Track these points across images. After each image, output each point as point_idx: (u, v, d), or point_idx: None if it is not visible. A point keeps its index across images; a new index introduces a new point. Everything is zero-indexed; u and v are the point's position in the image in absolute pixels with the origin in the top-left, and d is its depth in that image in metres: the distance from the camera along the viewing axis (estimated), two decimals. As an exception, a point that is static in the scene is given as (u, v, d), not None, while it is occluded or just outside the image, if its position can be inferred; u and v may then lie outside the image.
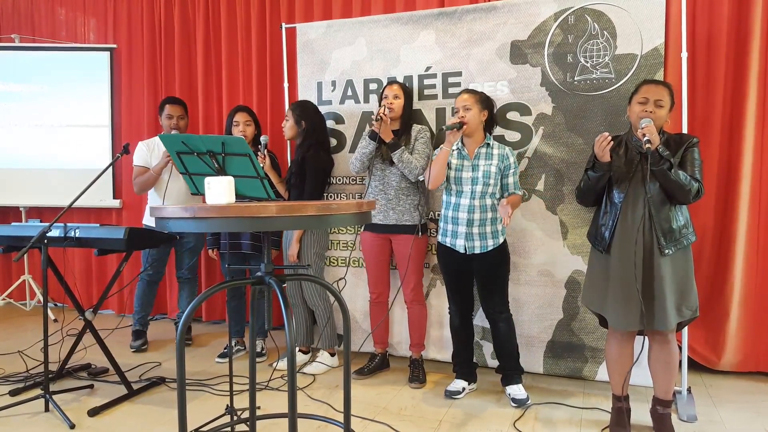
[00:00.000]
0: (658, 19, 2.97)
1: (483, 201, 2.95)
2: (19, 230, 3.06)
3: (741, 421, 2.75)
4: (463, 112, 2.94)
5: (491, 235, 2.97)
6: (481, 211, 2.95)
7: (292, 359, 1.84)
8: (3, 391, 3.17)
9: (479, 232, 2.96)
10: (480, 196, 2.95)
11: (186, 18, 4.78)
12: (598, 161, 2.48)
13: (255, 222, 1.72)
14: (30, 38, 5.28)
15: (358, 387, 3.25)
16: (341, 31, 3.64)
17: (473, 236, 2.96)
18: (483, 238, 2.96)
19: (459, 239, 2.99)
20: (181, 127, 3.92)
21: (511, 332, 3.04)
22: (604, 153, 2.44)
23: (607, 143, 2.41)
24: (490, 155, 2.98)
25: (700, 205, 3.35)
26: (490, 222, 2.97)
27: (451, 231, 3.03)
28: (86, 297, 5.16)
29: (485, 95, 3.04)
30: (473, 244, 2.97)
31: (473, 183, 2.96)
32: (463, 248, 2.98)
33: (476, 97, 2.97)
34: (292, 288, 3.62)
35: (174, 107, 3.91)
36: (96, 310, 3.08)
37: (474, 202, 2.95)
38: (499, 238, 2.99)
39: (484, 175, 2.95)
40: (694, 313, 2.48)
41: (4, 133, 5.11)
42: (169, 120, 3.89)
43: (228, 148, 2.00)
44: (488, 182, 2.95)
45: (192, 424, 2.69)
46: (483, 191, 2.95)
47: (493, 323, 3.05)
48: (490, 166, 2.96)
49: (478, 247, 2.97)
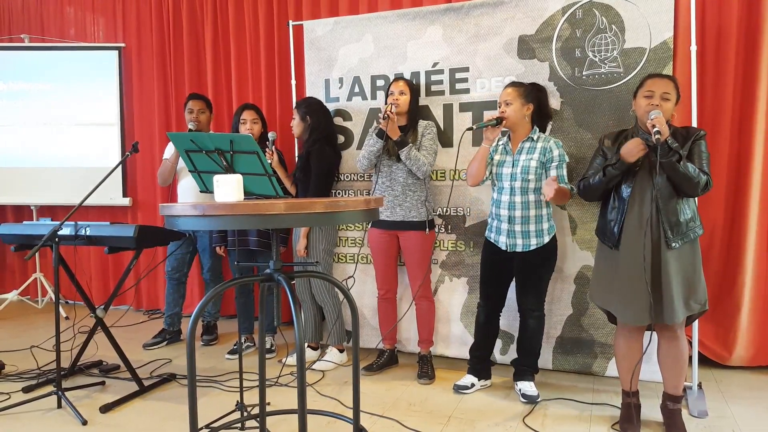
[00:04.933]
0: (666, 12, 2.95)
1: (524, 197, 2.89)
2: (31, 229, 3.08)
3: (752, 417, 2.73)
4: (504, 107, 2.91)
5: (535, 233, 2.90)
6: (522, 208, 2.89)
7: (301, 355, 1.84)
8: (16, 388, 3.21)
9: (521, 230, 2.90)
10: (521, 192, 2.89)
11: (194, 16, 4.79)
12: (623, 158, 2.43)
13: (263, 219, 1.73)
14: (39, 38, 5.32)
15: (367, 383, 3.26)
16: (348, 28, 3.64)
17: (515, 234, 2.91)
18: (525, 236, 2.90)
19: (501, 236, 2.95)
20: (201, 121, 3.94)
21: (539, 330, 3.01)
22: (634, 157, 2.39)
23: (644, 150, 2.38)
24: (532, 149, 2.91)
25: (710, 198, 3.32)
26: (534, 220, 2.89)
27: (495, 227, 2.99)
28: (102, 293, 5.22)
29: (533, 87, 2.98)
30: (515, 241, 2.92)
31: (512, 179, 2.91)
32: (505, 245, 2.94)
33: (519, 90, 2.92)
34: (301, 284, 3.63)
35: (194, 102, 3.96)
36: (107, 308, 3.11)
37: (514, 199, 2.90)
38: (544, 237, 2.91)
39: (523, 170, 2.89)
40: (702, 306, 2.46)
41: (15, 132, 5.15)
42: (189, 114, 3.93)
43: (236, 146, 2.02)
44: (527, 178, 2.88)
45: (203, 420, 2.71)
46: (523, 187, 2.88)
47: (524, 318, 3.02)
48: (530, 160, 2.89)
49: (520, 246, 2.92)
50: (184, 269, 4.09)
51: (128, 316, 4.87)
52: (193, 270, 4.43)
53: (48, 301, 5.40)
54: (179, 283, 4.11)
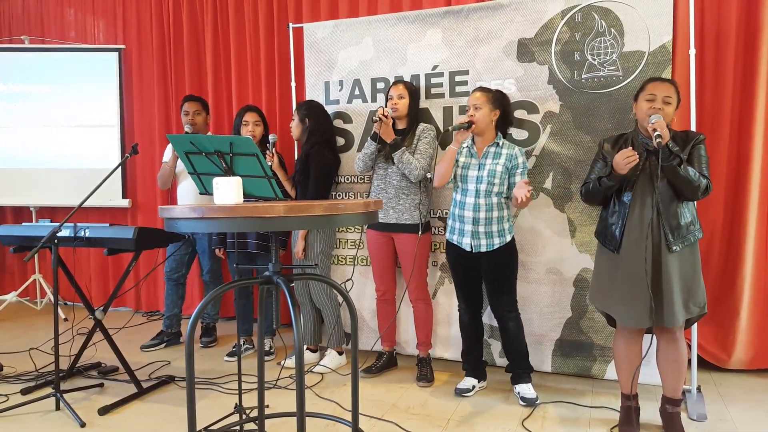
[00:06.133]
0: (665, 16, 2.96)
1: (489, 200, 2.95)
2: (30, 230, 3.08)
3: (751, 420, 2.73)
4: (472, 111, 2.94)
5: (497, 233, 2.96)
6: (486, 209, 2.95)
7: (300, 358, 1.84)
8: (14, 390, 3.20)
9: (485, 230, 2.95)
10: (485, 195, 2.95)
11: (195, 18, 4.80)
12: (615, 172, 2.44)
13: (263, 222, 1.73)
14: (39, 39, 5.32)
15: (366, 385, 3.26)
16: (348, 31, 3.65)
17: (479, 234, 2.96)
18: (489, 236, 2.96)
19: (465, 237, 2.99)
20: (198, 122, 3.94)
21: (520, 331, 3.04)
22: (626, 168, 2.39)
23: (633, 161, 2.37)
24: (498, 155, 2.97)
25: (710, 202, 3.33)
26: (496, 221, 2.96)
27: (458, 229, 3.03)
28: (102, 295, 5.22)
29: (499, 94, 3.02)
30: (479, 242, 2.97)
31: (478, 181, 2.96)
32: (470, 246, 2.99)
33: (488, 96, 2.96)
34: (300, 287, 3.63)
35: (190, 104, 3.96)
36: (106, 309, 3.10)
37: (479, 201, 2.95)
38: (506, 236, 2.98)
39: (489, 174, 2.94)
40: (701, 309, 2.46)
41: (15, 133, 5.15)
42: (185, 116, 3.93)
43: (236, 148, 2.01)
44: (493, 181, 2.94)
45: (201, 423, 2.70)
46: (488, 190, 2.94)
47: (502, 322, 3.05)
48: (496, 165, 2.95)
49: (485, 246, 2.97)
50: (182, 270, 4.10)
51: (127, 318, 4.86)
52: (193, 271, 4.44)
53: (47, 302, 5.39)
54: (178, 285, 4.11)
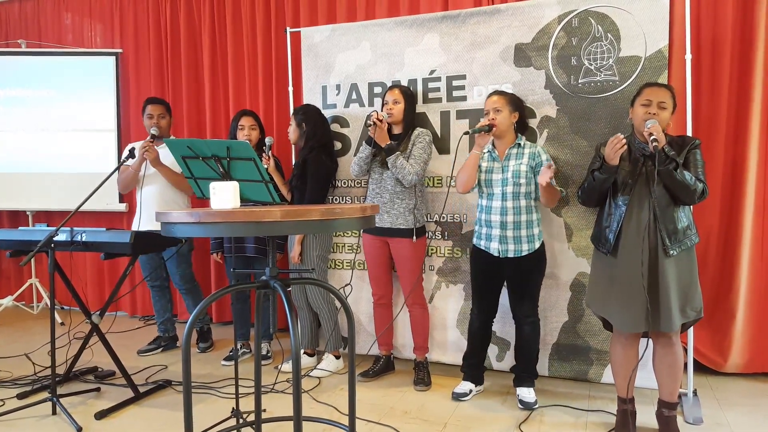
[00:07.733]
0: (662, 22, 2.97)
1: (516, 202, 2.91)
2: (26, 234, 3.07)
3: (748, 424, 2.74)
4: (493, 114, 2.92)
5: (527, 239, 2.92)
6: (514, 213, 2.90)
7: (297, 362, 1.85)
8: (11, 394, 3.19)
9: (514, 235, 2.91)
10: (512, 197, 2.91)
11: (192, 23, 4.80)
12: (606, 163, 2.47)
13: (260, 227, 1.73)
14: (36, 43, 5.32)
15: (363, 389, 3.25)
16: (346, 35, 3.66)
17: (507, 239, 2.92)
18: (518, 242, 2.92)
19: (493, 242, 2.96)
20: (162, 126, 3.85)
21: (535, 336, 3.02)
22: (615, 156, 2.42)
23: (621, 146, 2.39)
24: (520, 155, 2.94)
25: (706, 206, 3.34)
26: (525, 225, 2.91)
27: (485, 234, 3.00)
28: (98, 299, 5.20)
29: (516, 96, 3.03)
30: (507, 247, 2.93)
31: (503, 184, 2.93)
32: (497, 251, 2.94)
33: (506, 98, 2.95)
34: (297, 291, 3.63)
35: (154, 107, 3.86)
36: (103, 314, 3.10)
37: (506, 204, 2.91)
38: (536, 243, 2.93)
39: (514, 174, 2.91)
40: (698, 314, 2.47)
41: (12, 137, 5.14)
42: (149, 120, 3.83)
43: (233, 153, 2.02)
44: (518, 182, 2.90)
45: (198, 427, 2.70)
46: (515, 192, 2.91)
47: (519, 326, 3.03)
48: (520, 165, 2.91)
49: (512, 251, 2.93)
50: (163, 274, 4.05)
51: (124, 322, 4.86)
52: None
53: (43, 306, 5.38)
54: (161, 289, 4.07)
